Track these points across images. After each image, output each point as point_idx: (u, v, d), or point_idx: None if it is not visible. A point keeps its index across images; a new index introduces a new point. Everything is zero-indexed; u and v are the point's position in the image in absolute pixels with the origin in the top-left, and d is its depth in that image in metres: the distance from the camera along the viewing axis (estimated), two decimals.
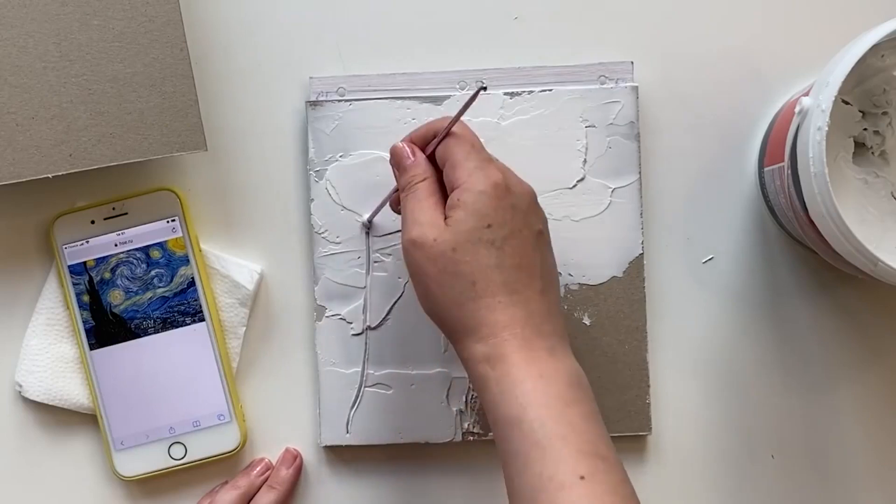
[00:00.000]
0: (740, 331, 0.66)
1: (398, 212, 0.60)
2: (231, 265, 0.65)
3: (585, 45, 0.66)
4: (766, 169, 0.63)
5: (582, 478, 0.48)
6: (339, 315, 0.65)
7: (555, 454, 0.49)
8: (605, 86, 0.65)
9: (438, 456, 0.65)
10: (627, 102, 0.64)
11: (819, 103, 0.54)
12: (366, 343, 0.65)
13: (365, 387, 0.65)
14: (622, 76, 0.65)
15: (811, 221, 0.56)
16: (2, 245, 0.66)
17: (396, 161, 0.57)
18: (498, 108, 0.64)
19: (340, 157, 0.65)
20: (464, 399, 0.64)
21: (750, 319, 0.66)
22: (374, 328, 0.65)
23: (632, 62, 0.65)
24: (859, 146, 0.60)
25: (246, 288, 0.65)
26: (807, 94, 0.56)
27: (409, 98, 0.64)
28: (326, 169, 0.65)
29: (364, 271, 0.65)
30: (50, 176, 0.60)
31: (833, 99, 0.53)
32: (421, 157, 0.56)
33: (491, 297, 0.52)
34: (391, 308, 0.65)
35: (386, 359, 0.65)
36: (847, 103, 0.59)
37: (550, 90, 0.64)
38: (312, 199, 0.65)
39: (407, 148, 0.57)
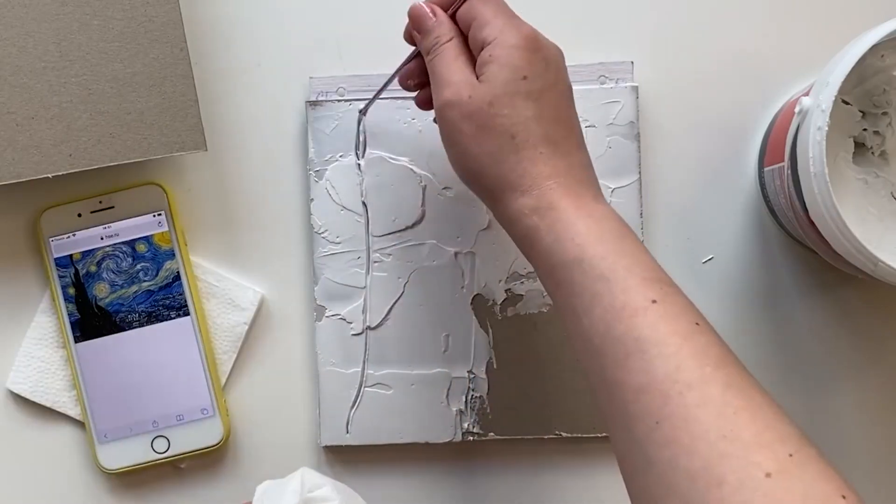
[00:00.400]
0: (740, 331, 0.66)
1: (408, 88, 0.59)
2: (233, 286, 0.65)
3: (585, 45, 0.66)
4: (766, 169, 0.63)
5: (654, 301, 0.47)
6: (339, 315, 0.65)
7: (622, 284, 0.48)
8: (604, 86, 0.65)
9: (438, 456, 0.65)
10: (627, 102, 0.64)
11: (819, 103, 0.54)
12: (366, 343, 0.65)
13: (365, 387, 0.65)
14: (622, 76, 0.65)
15: (811, 221, 0.56)
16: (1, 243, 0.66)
17: (417, 23, 0.55)
18: None
19: (340, 157, 0.65)
20: (464, 399, 0.64)
21: (750, 319, 0.66)
22: (374, 328, 0.65)
23: (632, 62, 0.65)
24: (859, 146, 0.60)
25: (247, 310, 0.65)
26: (807, 94, 0.56)
27: (410, 98, 0.64)
28: (326, 169, 0.65)
29: (364, 271, 0.65)
30: (50, 176, 0.60)
31: (833, 99, 0.53)
32: (444, 16, 0.54)
33: (532, 148, 0.51)
34: (391, 308, 0.65)
35: (386, 359, 0.65)
36: (847, 103, 0.59)
37: None
38: (312, 199, 0.65)
39: (427, 7, 0.55)
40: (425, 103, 0.59)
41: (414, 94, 0.60)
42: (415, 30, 0.56)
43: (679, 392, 0.45)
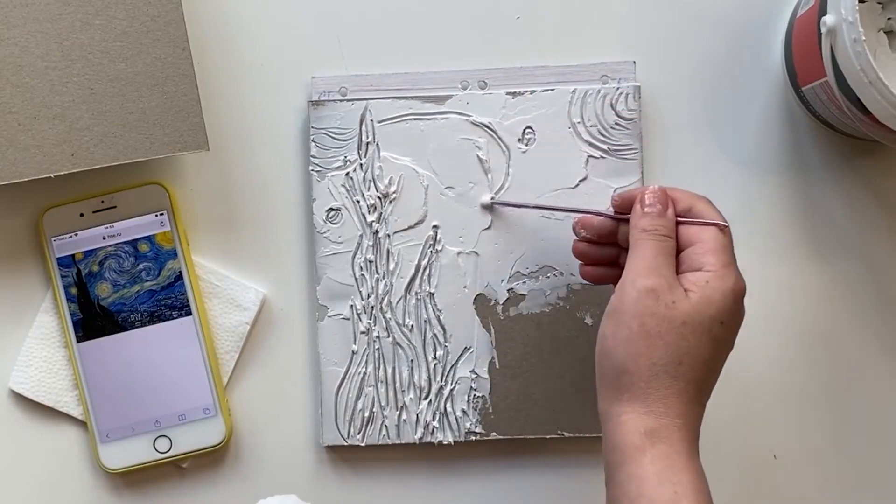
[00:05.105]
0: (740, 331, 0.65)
1: (577, 233, 0.59)
2: (234, 286, 0.65)
3: (587, 45, 0.66)
4: (804, 88, 0.62)
5: None
6: (340, 315, 0.65)
7: None
8: (607, 85, 0.64)
9: (440, 456, 0.65)
10: (630, 102, 0.64)
11: (844, 17, 0.53)
12: (368, 343, 0.65)
13: (367, 386, 0.65)
14: (624, 76, 0.65)
15: (877, 121, 0.56)
16: (1, 242, 0.66)
17: (646, 202, 0.55)
18: (500, 107, 0.64)
19: (343, 156, 0.65)
20: (466, 399, 0.64)
21: (751, 320, 0.66)
22: (376, 328, 0.65)
23: (634, 62, 0.65)
24: (889, 34, 0.61)
25: (249, 310, 0.65)
26: (812, 8, 0.55)
27: (411, 98, 0.64)
28: (328, 169, 0.65)
29: (366, 271, 0.65)
30: (52, 176, 0.60)
31: (857, 8, 0.53)
32: (672, 216, 0.55)
33: (687, 384, 0.52)
34: (393, 307, 0.65)
35: (388, 358, 0.65)
36: (863, 1, 0.59)
37: (552, 90, 0.64)
38: (314, 199, 0.65)
39: (665, 197, 0.55)
40: (595, 278, 0.60)
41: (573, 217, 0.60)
42: (639, 204, 0.55)
43: None
